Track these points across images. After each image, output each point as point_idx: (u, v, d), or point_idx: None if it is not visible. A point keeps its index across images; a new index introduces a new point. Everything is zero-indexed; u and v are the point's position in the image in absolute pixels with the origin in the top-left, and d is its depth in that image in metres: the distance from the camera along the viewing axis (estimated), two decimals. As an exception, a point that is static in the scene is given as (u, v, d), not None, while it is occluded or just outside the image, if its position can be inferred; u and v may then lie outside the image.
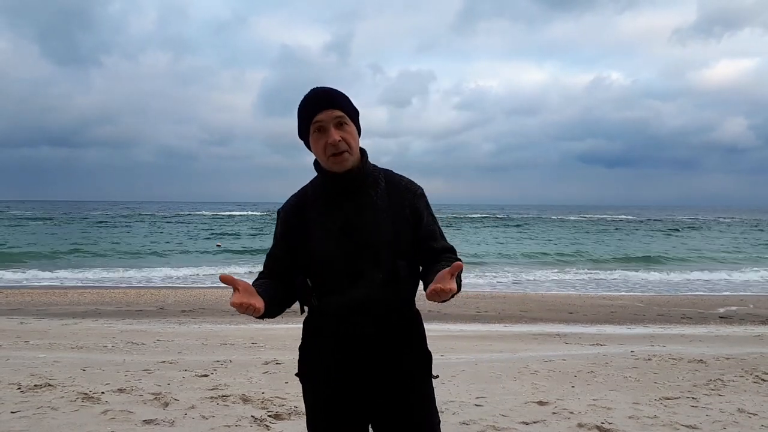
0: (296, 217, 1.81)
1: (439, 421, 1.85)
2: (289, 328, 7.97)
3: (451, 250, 1.83)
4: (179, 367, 5.23)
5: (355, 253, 1.73)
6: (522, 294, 13.51)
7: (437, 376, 1.89)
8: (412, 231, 1.78)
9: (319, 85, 1.77)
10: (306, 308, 1.85)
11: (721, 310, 11.12)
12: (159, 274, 17.04)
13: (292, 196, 1.88)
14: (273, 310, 1.73)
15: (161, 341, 6.89)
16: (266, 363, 5.44)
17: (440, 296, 1.55)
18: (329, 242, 1.74)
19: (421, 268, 1.82)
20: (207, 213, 68.71)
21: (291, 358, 5.64)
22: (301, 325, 1.87)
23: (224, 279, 1.54)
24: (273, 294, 1.73)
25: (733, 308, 11.30)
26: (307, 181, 1.89)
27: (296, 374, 1.88)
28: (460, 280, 1.72)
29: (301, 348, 1.87)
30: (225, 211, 74.24)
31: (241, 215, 62.98)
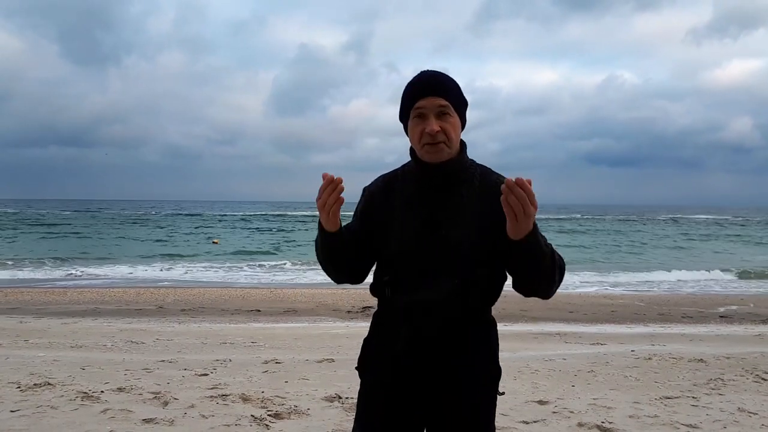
0: (382, 199, 1.72)
1: None
2: (289, 327, 7.95)
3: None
4: (179, 366, 5.22)
5: (433, 252, 1.61)
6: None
7: (503, 393, 1.76)
8: (503, 236, 1.52)
9: (427, 69, 1.67)
10: (377, 300, 1.76)
11: (722, 309, 11.11)
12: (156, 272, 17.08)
13: (379, 177, 1.79)
14: (342, 239, 1.65)
15: (161, 340, 6.87)
16: (266, 362, 5.43)
17: (514, 191, 1.39)
18: (408, 235, 1.64)
19: (512, 278, 1.67)
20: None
21: (291, 358, 5.64)
22: (301, 325, 1.85)
23: (326, 175, 1.53)
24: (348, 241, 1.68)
25: (734, 307, 11.29)
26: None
27: (356, 368, 1.79)
28: (558, 260, 1.63)
29: (365, 341, 1.79)
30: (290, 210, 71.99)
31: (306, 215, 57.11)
